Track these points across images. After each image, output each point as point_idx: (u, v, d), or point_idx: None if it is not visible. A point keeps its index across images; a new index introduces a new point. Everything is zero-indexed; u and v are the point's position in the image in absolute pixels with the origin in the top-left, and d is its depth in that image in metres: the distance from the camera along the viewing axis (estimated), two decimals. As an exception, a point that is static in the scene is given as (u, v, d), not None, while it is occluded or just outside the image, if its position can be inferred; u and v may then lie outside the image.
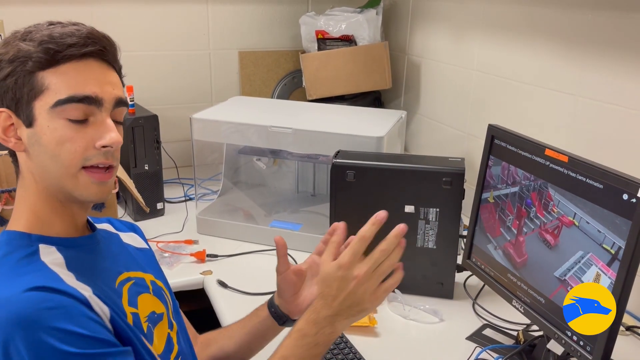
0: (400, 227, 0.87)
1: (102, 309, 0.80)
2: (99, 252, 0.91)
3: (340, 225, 0.94)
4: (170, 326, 0.97)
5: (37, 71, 0.80)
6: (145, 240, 1.11)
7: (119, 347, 0.78)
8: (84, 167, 0.82)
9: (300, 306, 1.06)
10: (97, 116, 0.82)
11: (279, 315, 1.08)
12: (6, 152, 0.89)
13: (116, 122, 0.86)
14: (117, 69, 0.88)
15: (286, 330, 1.05)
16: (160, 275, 1.04)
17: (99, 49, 0.82)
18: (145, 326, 0.89)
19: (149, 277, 0.98)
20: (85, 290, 0.79)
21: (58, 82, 0.80)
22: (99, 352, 0.75)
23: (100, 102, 0.82)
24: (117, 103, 0.84)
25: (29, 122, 0.81)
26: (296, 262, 1.55)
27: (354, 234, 0.90)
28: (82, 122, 0.81)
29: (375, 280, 0.86)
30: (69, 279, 0.79)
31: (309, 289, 1.07)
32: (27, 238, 0.83)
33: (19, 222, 0.85)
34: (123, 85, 0.90)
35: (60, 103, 0.79)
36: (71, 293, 0.76)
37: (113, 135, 0.82)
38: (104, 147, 0.82)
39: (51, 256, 0.82)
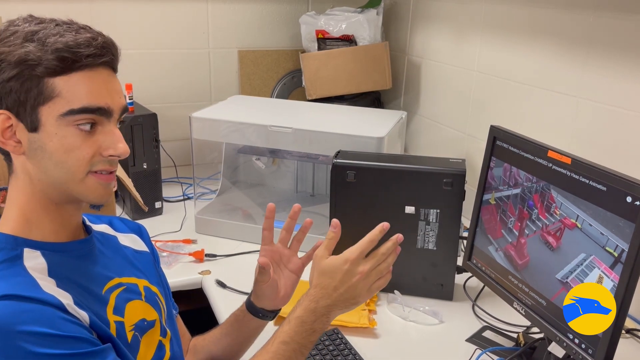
0: (398, 236, 0.97)
1: (81, 315, 0.79)
2: (89, 257, 0.90)
3: (338, 223, 1.01)
4: (163, 333, 0.96)
5: (46, 77, 0.78)
6: (149, 243, 1.09)
7: (99, 344, 0.78)
8: (89, 172, 0.83)
9: (279, 296, 1.09)
10: (105, 126, 0.82)
11: (257, 311, 1.10)
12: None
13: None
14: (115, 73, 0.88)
15: (270, 326, 1.12)
16: (157, 280, 1.03)
17: (111, 58, 0.83)
18: (130, 335, 0.88)
19: (142, 283, 0.97)
20: (65, 298, 0.78)
21: (71, 91, 0.79)
22: (77, 352, 0.74)
23: (111, 113, 0.82)
24: (123, 111, 0.85)
25: (34, 127, 0.80)
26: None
27: (353, 234, 0.98)
28: (91, 130, 0.81)
29: (373, 278, 0.96)
30: (48, 286, 0.78)
31: (283, 280, 1.10)
32: (13, 241, 0.82)
33: (6, 224, 0.84)
34: None
35: (73, 113, 0.79)
36: (45, 300, 0.75)
37: (122, 146, 0.83)
38: (111, 156, 0.83)
39: (34, 261, 0.81)
